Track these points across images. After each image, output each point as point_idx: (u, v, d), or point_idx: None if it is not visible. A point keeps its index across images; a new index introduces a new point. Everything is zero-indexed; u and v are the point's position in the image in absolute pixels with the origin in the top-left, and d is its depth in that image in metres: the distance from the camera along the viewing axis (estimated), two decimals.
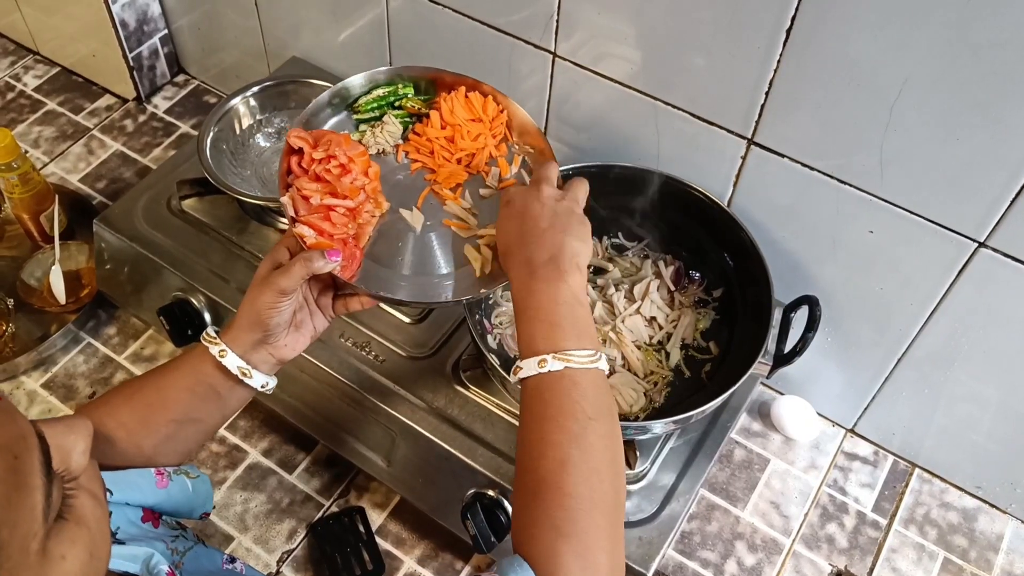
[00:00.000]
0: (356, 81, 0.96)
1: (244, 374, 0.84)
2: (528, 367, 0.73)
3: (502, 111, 0.96)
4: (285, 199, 0.87)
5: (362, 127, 0.97)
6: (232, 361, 0.83)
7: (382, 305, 1.12)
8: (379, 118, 0.97)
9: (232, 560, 0.82)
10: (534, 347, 0.74)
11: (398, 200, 0.93)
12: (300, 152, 0.89)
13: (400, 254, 0.90)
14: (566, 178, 1.06)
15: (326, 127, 0.96)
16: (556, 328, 0.74)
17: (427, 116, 0.96)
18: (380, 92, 0.97)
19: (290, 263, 0.82)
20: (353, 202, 0.88)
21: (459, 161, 0.95)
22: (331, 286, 0.90)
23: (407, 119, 0.97)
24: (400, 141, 0.97)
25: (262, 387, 0.86)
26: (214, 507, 1.15)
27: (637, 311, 1.06)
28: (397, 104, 0.97)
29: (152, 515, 0.79)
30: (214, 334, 0.85)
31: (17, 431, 0.50)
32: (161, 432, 0.84)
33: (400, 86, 0.97)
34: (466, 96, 0.95)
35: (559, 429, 0.71)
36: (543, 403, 0.72)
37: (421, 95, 0.97)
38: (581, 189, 0.87)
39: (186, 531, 0.82)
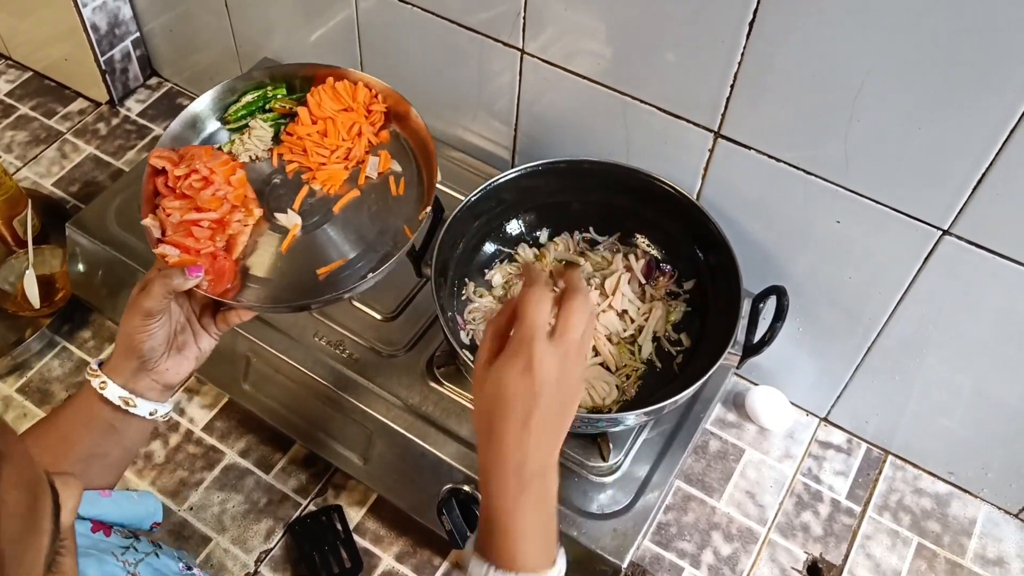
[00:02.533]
0: (206, 99, 0.95)
1: (128, 404, 0.82)
2: None
3: (376, 96, 0.94)
4: (146, 222, 0.86)
5: (232, 136, 0.96)
6: (113, 392, 0.82)
7: (355, 303, 1.12)
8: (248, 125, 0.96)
9: (189, 568, 0.83)
10: (510, 563, 0.69)
11: (277, 204, 0.92)
12: (164, 172, 0.89)
13: (278, 259, 0.89)
14: (536, 174, 1.07)
15: (197, 142, 0.95)
16: (540, 551, 0.70)
17: (298, 115, 0.95)
18: (249, 98, 0.96)
19: (150, 283, 0.80)
20: (216, 213, 0.87)
21: (333, 151, 0.93)
22: (212, 305, 0.88)
23: (279, 120, 0.96)
24: (272, 144, 0.96)
25: (150, 415, 0.84)
26: (189, 511, 1.16)
27: (609, 306, 1.07)
28: (268, 107, 0.96)
29: (102, 525, 0.79)
30: (96, 367, 0.83)
31: (37, 474, 0.50)
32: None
33: (269, 88, 0.95)
34: (333, 86, 0.94)
35: None
36: None
37: (296, 94, 0.96)
38: (586, 328, 0.69)
39: (139, 540, 0.81)
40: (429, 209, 0.91)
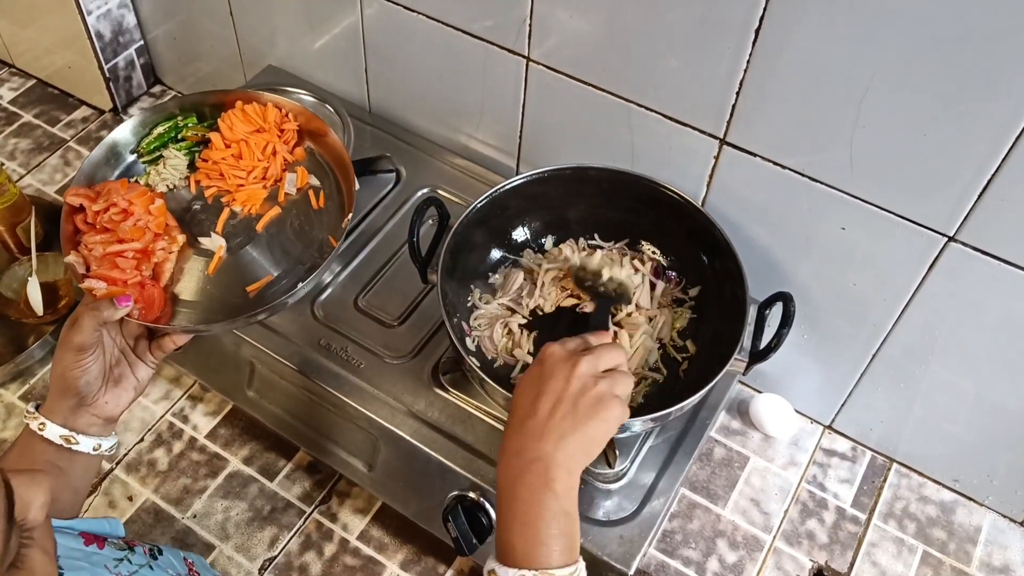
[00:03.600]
0: (125, 131, 0.98)
1: (69, 441, 0.81)
2: None
3: (287, 115, 0.96)
4: (69, 259, 0.87)
5: (148, 168, 0.98)
6: (53, 432, 0.81)
7: (360, 309, 1.12)
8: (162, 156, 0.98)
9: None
10: (515, 558, 0.70)
11: (199, 229, 0.94)
12: (83, 210, 0.90)
13: (206, 282, 0.91)
14: (541, 181, 1.08)
15: (114, 177, 0.97)
16: (541, 544, 0.70)
17: (211, 140, 0.97)
18: (160, 130, 0.98)
19: (79, 317, 0.80)
20: (139, 243, 0.88)
21: (249, 172, 0.95)
22: (146, 334, 0.88)
23: (193, 148, 0.98)
24: (188, 172, 0.98)
25: (94, 450, 0.83)
26: (192, 518, 1.16)
27: None
28: (180, 136, 0.98)
29: (95, 538, 0.78)
30: (33, 409, 0.82)
31: None
32: None
33: (180, 118, 0.98)
34: (243, 109, 0.96)
35: None
36: None
37: (206, 121, 0.98)
38: (623, 381, 0.77)
39: (133, 552, 0.81)
40: (351, 216, 0.93)
